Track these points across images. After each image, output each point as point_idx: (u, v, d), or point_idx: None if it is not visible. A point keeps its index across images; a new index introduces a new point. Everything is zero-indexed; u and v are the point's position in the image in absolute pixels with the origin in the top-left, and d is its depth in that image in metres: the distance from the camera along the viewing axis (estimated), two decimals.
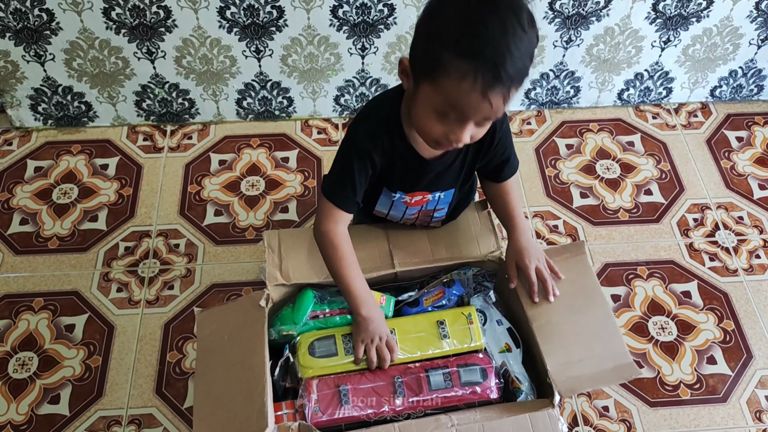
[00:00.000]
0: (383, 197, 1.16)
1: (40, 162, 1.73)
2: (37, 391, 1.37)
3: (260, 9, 1.56)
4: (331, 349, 1.09)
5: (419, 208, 1.18)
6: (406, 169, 1.09)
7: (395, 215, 1.20)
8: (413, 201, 1.16)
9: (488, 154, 1.11)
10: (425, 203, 1.17)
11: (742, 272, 1.57)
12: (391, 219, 1.23)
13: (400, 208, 1.17)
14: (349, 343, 1.09)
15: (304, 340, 1.09)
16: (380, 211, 1.20)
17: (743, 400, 1.39)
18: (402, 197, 1.14)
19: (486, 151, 1.11)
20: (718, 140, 1.82)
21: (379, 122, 1.05)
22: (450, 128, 0.93)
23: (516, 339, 1.18)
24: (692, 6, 1.63)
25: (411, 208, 1.18)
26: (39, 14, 1.53)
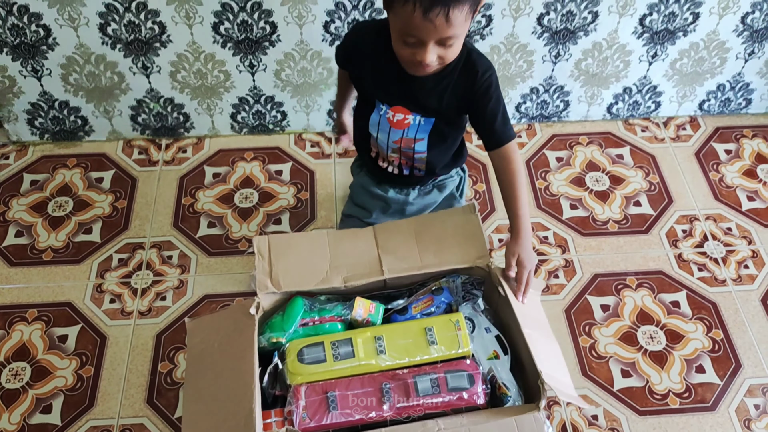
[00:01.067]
0: (374, 113, 1.28)
1: (36, 175, 1.75)
2: (29, 401, 1.38)
3: (254, 24, 1.58)
4: (319, 356, 1.10)
5: (401, 133, 1.28)
6: (394, 79, 1.21)
7: (382, 140, 1.31)
8: (395, 120, 1.27)
9: (472, 96, 1.21)
10: (407, 126, 1.27)
11: (730, 282, 1.59)
12: (380, 152, 1.34)
13: (384, 127, 1.29)
14: (338, 350, 1.11)
15: (293, 347, 1.11)
16: (372, 138, 1.32)
17: (732, 409, 1.39)
18: (386, 112, 1.26)
19: (469, 91, 1.20)
20: (706, 153, 1.84)
21: (373, 30, 1.21)
22: (414, 50, 1.08)
23: (504, 346, 1.19)
24: (678, 21, 1.66)
25: (394, 131, 1.28)
26: (36, 30, 1.56)
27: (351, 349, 1.11)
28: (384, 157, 1.35)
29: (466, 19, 1.05)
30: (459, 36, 1.07)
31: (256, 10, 1.55)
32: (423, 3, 1.00)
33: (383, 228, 1.22)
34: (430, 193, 1.41)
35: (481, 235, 1.23)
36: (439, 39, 1.06)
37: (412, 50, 1.09)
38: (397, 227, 1.22)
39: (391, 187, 1.41)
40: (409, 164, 1.35)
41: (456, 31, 1.05)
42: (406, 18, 1.03)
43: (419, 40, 1.06)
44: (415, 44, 1.07)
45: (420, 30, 1.04)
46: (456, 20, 1.02)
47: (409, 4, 1.01)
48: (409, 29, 1.05)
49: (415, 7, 1.01)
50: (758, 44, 1.74)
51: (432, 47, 1.07)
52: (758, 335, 1.50)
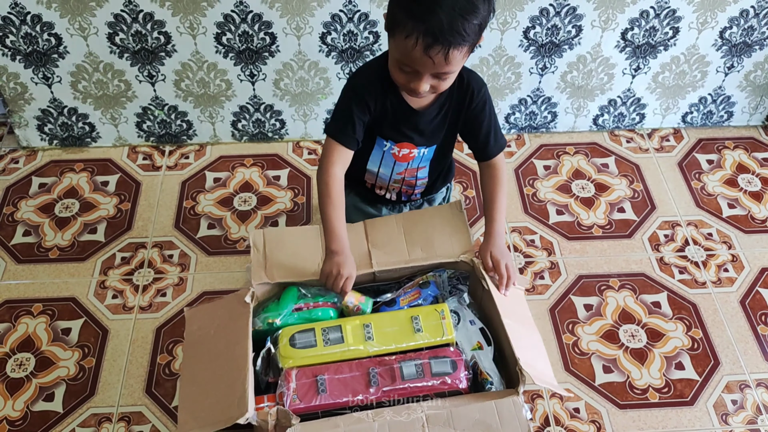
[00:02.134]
0: (376, 149, 1.31)
1: (44, 179, 1.82)
2: (32, 389, 1.43)
3: (254, 35, 1.67)
4: (311, 341, 1.16)
5: (406, 165, 1.33)
6: (397, 116, 1.25)
7: (384, 174, 1.35)
8: (401, 154, 1.31)
9: (468, 115, 1.26)
10: (411, 159, 1.32)
11: (710, 284, 1.64)
12: (380, 183, 1.38)
13: (389, 162, 1.32)
14: (328, 336, 1.17)
15: (286, 333, 1.17)
16: (371, 172, 1.36)
17: (710, 404, 1.44)
18: (392, 148, 1.30)
19: (465, 110, 1.25)
20: (689, 163, 1.91)
21: (373, 73, 1.23)
22: (410, 78, 1.11)
23: (488, 338, 1.25)
24: (659, 35, 1.74)
25: (399, 164, 1.33)
26: (48, 38, 1.65)
27: (341, 335, 1.17)
28: (383, 187, 1.41)
29: (464, 57, 1.10)
30: (454, 71, 1.12)
31: (256, 21, 1.63)
32: (425, 40, 1.03)
33: (373, 223, 1.28)
34: (420, 207, 1.48)
35: (467, 230, 1.29)
36: (436, 73, 1.10)
37: (407, 77, 1.12)
38: (386, 223, 1.29)
39: (384, 206, 1.48)
40: (409, 192, 1.42)
41: (453, 68, 1.10)
42: (406, 50, 1.06)
43: (415, 71, 1.10)
44: (411, 73, 1.11)
45: (418, 63, 1.07)
46: (454, 59, 1.07)
47: (411, 39, 1.04)
48: (407, 60, 1.08)
49: (417, 42, 1.03)
50: (737, 58, 1.82)
51: (427, 78, 1.11)
52: (736, 334, 1.55)
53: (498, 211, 1.29)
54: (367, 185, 1.42)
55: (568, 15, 1.67)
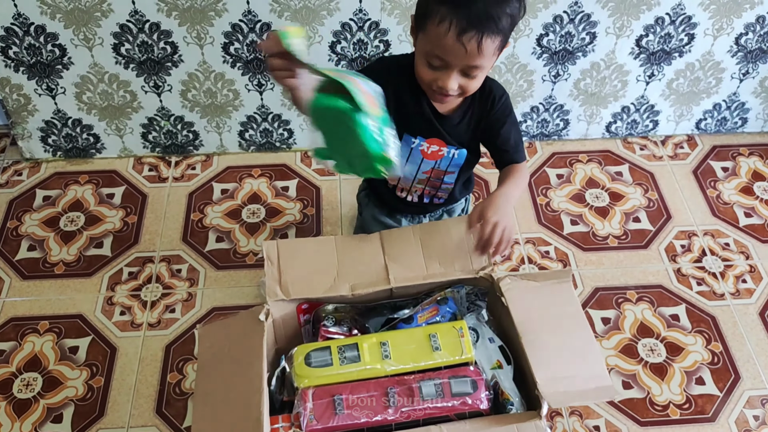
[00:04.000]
0: (403, 146, 1.25)
1: (48, 191, 1.79)
2: (40, 410, 1.40)
3: None
4: (326, 360, 1.13)
5: (433, 164, 1.29)
6: (423, 117, 1.22)
7: (410, 172, 1.31)
8: (430, 151, 1.27)
9: (488, 121, 1.22)
10: (440, 158, 1.28)
11: (729, 296, 1.61)
12: (403, 184, 1.34)
13: (416, 158, 1.28)
14: (344, 354, 1.13)
15: (301, 351, 1.14)
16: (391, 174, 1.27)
17: (732, 420, 1.41)
18: (421, 144, 1.26)
19: (486, 115, 1.22)
20: (704, 170, 1.88)
21: (396, 65, 1.20)
22: (438, 75, 1.07)
23: (507, 356, 1.22)
24: (674, 41, 1.72)
25: (426, 162, 1.28)
26: (52, 49, 1.62)
27: (357, 354, 1.14)
28: (405, 188, 1.37)
29: (494, 53, 1.06)
30: (484, 68, 1.08)
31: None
32: (459, 24, 1.00)
33: (389, 235, 1.25)
34: (440, 218, 1.44)
35: None
36: (466, 66, 1.06)
37: (435, 74, 1.08)
38: (403, 235, 1.25)
39: (403, 217, 1.45)
40: (431, 193, 1.37)
41: (483, 61, 1.05)
42: (437, 38, 1.02)
43: (446, 63, 1.06)
44: (440, 68, 1.07)
45: (450, 52, 1.03)
46: (487, 49, 1.03)
47: (445, 23, 1.00)
48: (438, 50, 1.04)
49: (451, 26, 1.00)
50: (752, 64, 1.79)
51: (455, 74, 1.07)
52: (757, 348, 1.52)
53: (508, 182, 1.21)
54: (389, 185, 1.37)
55: (582, 22, 1.64)
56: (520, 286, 1.21)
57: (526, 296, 1.21)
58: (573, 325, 1.18)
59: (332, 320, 1.22)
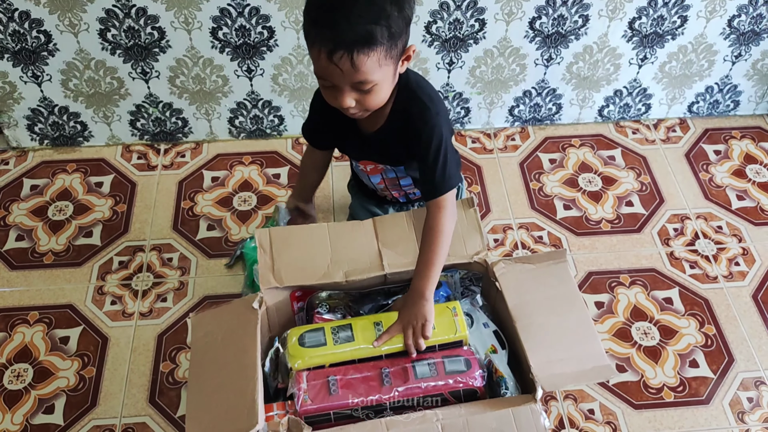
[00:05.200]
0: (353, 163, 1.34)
1: (36, 180, 1.76)
2: (31, 401, 1.39)
3: (251, 30, 1.61)
4: (320, 340, 1.12)
5: (380, 176, 1.32)
6: (352, 140, 1.25)
7: (368, 183, 1.38)
8: (368, 169, 1.31)
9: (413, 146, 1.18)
10: (381, 171, 1.31)
11: (722, 279, 1.62)
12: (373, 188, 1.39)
13: (363, 175, 1.34)
14: (339, 334, 1.13)
15: (294, 332, 1.13)
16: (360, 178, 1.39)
17: (726, 402, 1.42)
18: (357, 165, 1.32)
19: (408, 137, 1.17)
20: (696, 154, 1.88)
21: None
22: (333, 94, 1.07)
23: (502, 341, 1.22)
24: (667, 24, 1.71)
25: (372, 176, 1.33)
26: (37, 36, 1.59)
27: (351, 334, 1.13)
28: (379, 191, 1.40)
29: (381, 65, 1.02)
30: (374, 81, 1.04)
31: (254, 15, 1.58)
32: (326, 45, 0.98)
33: (383, 221, 1.24)
34: None
35: (480, 230, 1.26)
36: (353, 83, 1.03)
37: (332, 94, 1.07)
38: (396, 221, 1.24)
39: (392, 207, 1.45)
40: (404, 194, 1.39)
41: (367, 76, 1.02)
42: (315, 61, 1.02)
43: (331, 83, 1.04)
44: (332, 88, 1.06)
45: (328, 74, 1.02)
46: (363, 65, 1.00)
47: (315, 48, 1.00)
48: (319, 72, 1.04)
49: (321, 51, 0.99)
50: (744, 47, 1.79)
51: (348, 91, 1.05)
52: (750, 330, 1.53)
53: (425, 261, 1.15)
54: (369, 189, 1.40)
55: (575, 5, 1.62)
56: (515, 270, 1.21)
57: (521, 280, 1.21)
58: (568, 306, 1.18)
59: (326, 307, 1.21)
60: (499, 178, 1.80)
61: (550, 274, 1.23)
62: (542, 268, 1.23)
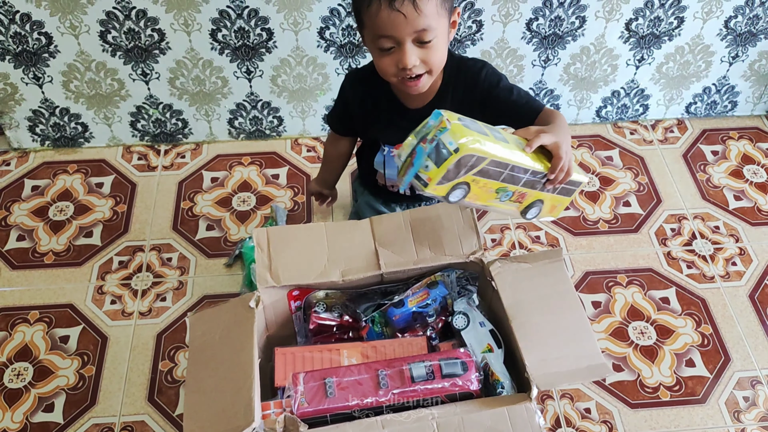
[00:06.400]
0: (378, 155, 1.29)
1: (37, 181, 1.78)
2: (31, 400, 1.40)
3: (250, 31, 1.63)
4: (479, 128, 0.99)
5: None
6: (390, 120, 1.22)
7: (391, 175, 1.32)
8: None
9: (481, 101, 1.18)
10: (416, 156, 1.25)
11: (719, 279, 1.62)
12: (390, 182, 1.35)
13: (391, 164, 1.29)
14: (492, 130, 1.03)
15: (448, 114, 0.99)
16: (379, 172, 1.33)
17: (722, 401, 1.42)
18: (390, 150, 1.27)
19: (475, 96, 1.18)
20: (694, 154, 1.89)
21: (360, 75, 1.26)
22: (395, 57, 1.05)
23: (498, 340, 1.23)
24: (664, 25, 1.71)
25: None
26: (38, 37, 1.60)
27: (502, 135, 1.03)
28: (394, 185, 1.39)
29: (438, 12, 1.03)
30: (434, 29, 1.04)
31: (252, 17, 1.59)
32: None
33: (379, 220, 1.25)
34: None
35: (476, 229, 1.26)
36: (415, 34, 1.03)
37: (392, 58, 1.06)
38: (393, 220, 1.25)
39: (399, 205, 1.46)
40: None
41: (429, 21, 1.02)
42: (374, 20, 1.02)
43: (394, 39, 1.03)
44: (392, 49, 1.05)
45: (390, 25, 1.01)
46: (425, 8, 1.00)
47: (373, 4, 1.00)
48: (380, 29, 1.03)
49: (381, 3, 1.00)
50: (741, 48, 1.79)
51: (410, 47, 1.04)
52: (746, 330, 1.53)
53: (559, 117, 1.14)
54: (379, 184, 1.39)
55: (571, 6, 1.63)
56: (511, 269, 1.22)
57: (517, 279, 1.21)
58: (564, 305, 1.19)
59: (323, 306, 1.22)
60: None
61: (546, 273, 1.23)
62: (538, 267, 1.24)
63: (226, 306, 1.18)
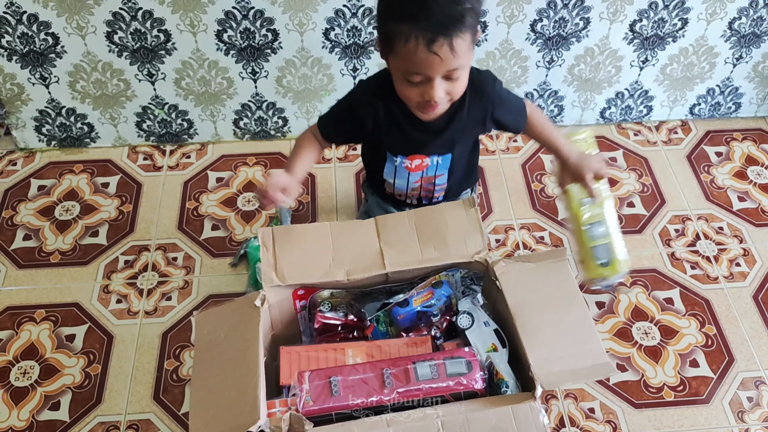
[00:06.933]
0: (388, 164, 1.29)
1: (43, 181, 1.79)
2: (37, 398, 1.41)
3: (256, 32, 1.63)
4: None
5: (420, 174, 1.29)
6: (404, 131, 1.21)
7: (401, 185, 1.32)
8: (414, 165, 1.28)
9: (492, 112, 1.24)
10: (425, 168, 1.28)
11: (723, 280, 1.62)
12: (399, 192, 1.35)
13: (403, 174, 1.29)
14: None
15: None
16: (388, 182, 1.33)
17: (726, 401, 1.43)
18: (403, 161, 1.26)
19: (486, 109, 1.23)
20: (698, 155, 1.89)
21: (375, 87, 1.20)
22: (422, 89, 1.06)
23: (502, 339, 1.23)
24: (668, 26, 1.72)
25: (413, 174, 1.29)
26: (45, 38, 1.61)
27: None
28: (402, 195, 1.38)
29: (469, 48, 1.05)
30: (465, 67, 1.07)
31: (258, 18, 1.60)
32: (425, 36, 0.99)
33: (384, 220, 1.25)
34: None
35: (481, 229, 1.26)
36: (446, 72, 1.05)
37: (419, 89, 1.07)
38: (398, 219, 1.26)
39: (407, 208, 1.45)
40: (429, 196, 1.39)
41: (462, 61, 1.04)
42: (409, 56, 1.01)
43: (425, 76, 1.04)
44: (421, 82, 1.06)
45: (425, 65, 1.02)
46: (460, 49, 1.02)
47: (411, 42, 1.00)
48: (414, 67, 1.03)
49: (418, 43, 0.99)
50: (745, 49, 1.80)
51: (439, 82, 1.06)
52: (750, 330, 1.53)
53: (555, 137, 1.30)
54: (387, 193, 1.39)
55: (576, 7, 1.64)
56: (515, 269, 1.22)
57: (521, 278, 1.21)
58: (568, 305, 1.19)
59: (328, 306, 1.23)
60: (501, 178, 1.81)
61: (550, 273, 1.24)
62: (542, 266, 1.24)
63: (232, 305, 1.18)
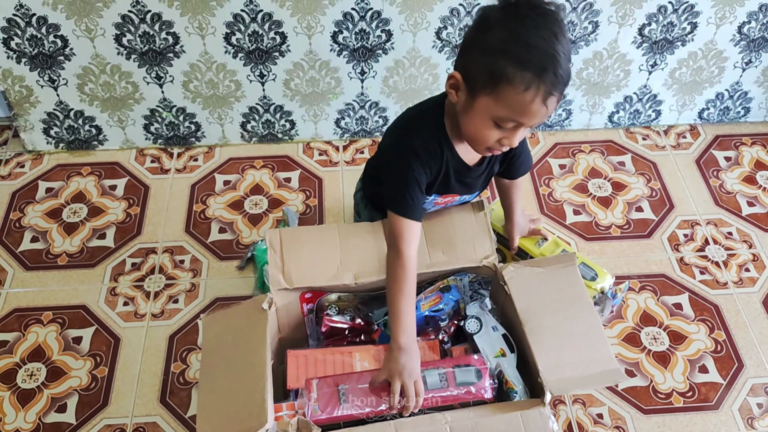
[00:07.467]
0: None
1: (51, 183, 1.79)
2: (44, 400, 1.40)
3: (264, 35, 1.63)
4: None
5: (443, 206, 1.30)
6: (450, 175, 1.18)
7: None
8: (443, 201, 1.27)
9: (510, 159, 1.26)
10: (449, 203, 1.29)
11: (732, 285, 1.61)
12: None
13: (428, 206, 1.28)
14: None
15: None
16: None
17: (735, 408, 1.42)
18: (435, 198, 1.24)
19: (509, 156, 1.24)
20: (706, 160, 1.88)
21: (431, 132, 1.13)
22: (505, 134, 1.03)
23: (510, 344, 1.22)
24: (677, 30, 1.71)
25: (436, 206, 1.30)
26: (54, 40, 1.61)
27: None
28: None
29: None
30: None
31: (266, 20, 1.60)
32: (546, 89, 0.95)
33: None
34: None
35: (489, 233, 1.26)
36: (537, 122, 1.02)
37: (503, 134, 1.04)
38: None
39: None
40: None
41: None
42: (519, 103, 0.97)
43: (519, 124, 1.01)
44: (511, 129, 1.02)
45: (531, 115, 0.98)
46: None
47: (530, 91, 0.95)
48: (517, 115, 0.99)
49: (538, 92, 0.95)
50: (755, 53, 1.79)
51: (523, 131, 1.03)
52: (760, 336, 1.52)
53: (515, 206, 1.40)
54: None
55: (584, 11, 1.63)
56: (524, 274, 1.22)
57: (530, 283, 1.21)
58: (577, 310, 1.18)
59: (335, 309, 1.22)
60: None
61: (559, 278, 1.23)
62: (551, 271, 1.24)
63: (239, 308, 1.18)
